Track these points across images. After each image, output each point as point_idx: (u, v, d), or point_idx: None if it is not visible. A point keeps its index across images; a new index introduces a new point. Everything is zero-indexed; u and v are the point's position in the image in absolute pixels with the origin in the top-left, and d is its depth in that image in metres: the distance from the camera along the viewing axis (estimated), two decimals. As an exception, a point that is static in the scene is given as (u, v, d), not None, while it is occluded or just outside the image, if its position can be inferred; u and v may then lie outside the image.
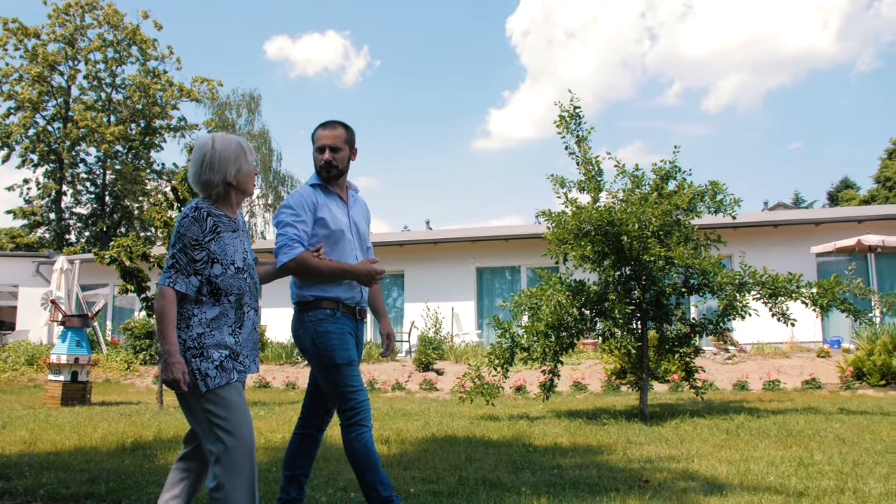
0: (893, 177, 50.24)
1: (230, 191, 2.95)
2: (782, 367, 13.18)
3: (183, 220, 2.83)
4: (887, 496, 3.83)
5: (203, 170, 2.90)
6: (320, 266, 3.32)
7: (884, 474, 4.42)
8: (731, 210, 8.07)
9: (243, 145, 2.98)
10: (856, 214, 17.29)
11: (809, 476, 4.43)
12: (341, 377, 3.31)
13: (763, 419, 7.53)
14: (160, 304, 2.76)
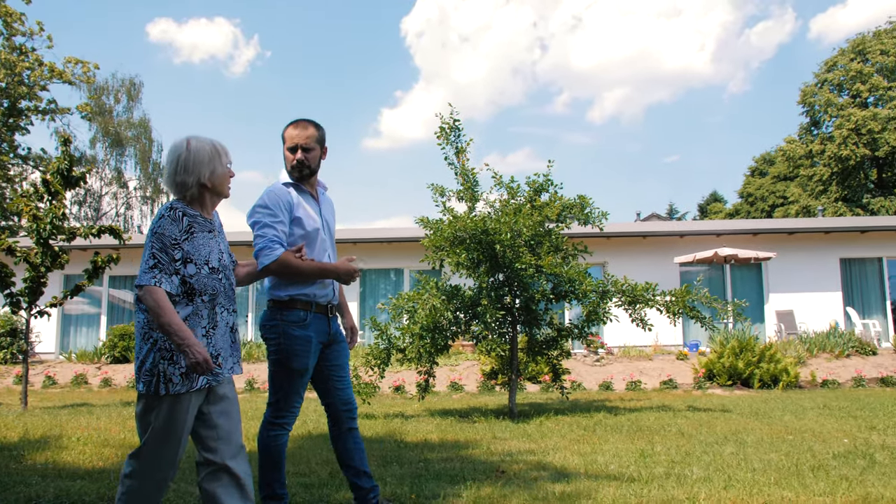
0: (755, 192, 54.03)
1: (205, 192, 2.99)
2: (645, 368, 14.14)
3: (160, 221, 2.86)
4: (704, 480, 4.39)
5: (178, 171, 2.93)
6: (302, 266, 3.40)
7: (707, 462, 5.03)
8: (599, 222, 8.72)
9: (217, 147, 3.01)
10: (715, 228, 18.69)
11: (645, 465, 4.98)
12: (291, 382, 3.46)
13: (619, 416, 8.17)
14: (153, 301, 2.74)
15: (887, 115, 41.93)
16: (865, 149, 42.38)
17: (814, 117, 46.96)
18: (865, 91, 43.87)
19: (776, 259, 17.37)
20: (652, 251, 17.65)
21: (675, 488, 4.17)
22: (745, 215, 51.81)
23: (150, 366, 2.81)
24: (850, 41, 45.50)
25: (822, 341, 15.17)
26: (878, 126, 41.87)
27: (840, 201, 43.78)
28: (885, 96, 43.33)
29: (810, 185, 45.65)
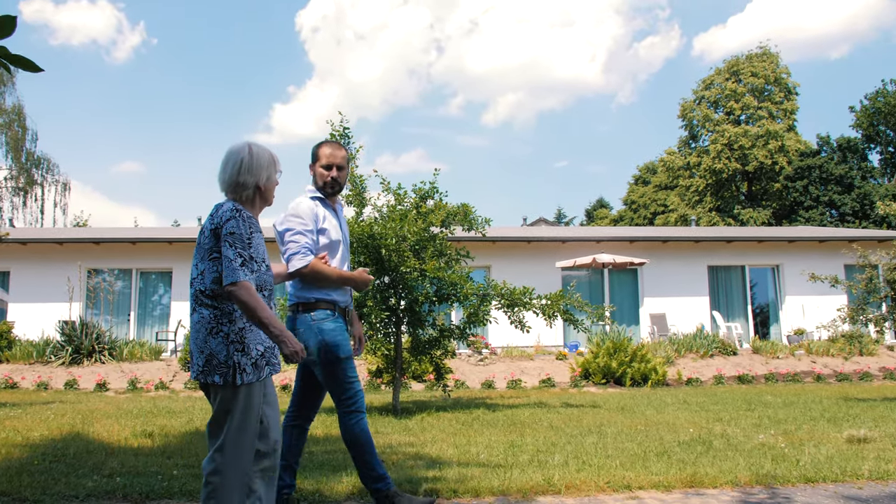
0: (638, 200, 56.60)
1: (257, 195, 3.14)
2: (526, 368, 14.80)
3: (232, 221, 2.95)
4: (561, 465, 4.87)
5: (241, 171, 3.06)
6: (329, 273, 3.70)
7: (568, 451, 5.53)
8: (482, 228, 9.20)
9: (274, 156, 3.19)
10: (595, 235, 19.71)
11: (513, 454, 5.42)
12: (343, 370, 3.68)
13: (497, 412, 8.65)
14: (248, 297, 2.85)
15: (756, 133, 44.90)
16: (737, 163, 45.23)
17: (692, 131, 49.71)
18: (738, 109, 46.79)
19: (650, 265, 18.51)
20: (535, 256, 18.43)
21: (535, 472, 4.62)
22: (628, 222, 54.23)
23: (225, 358, 2.92)
24: (727, 62, 48.39)
25: (690, 342, 16.31)
26: (749, 142, 44.78)
27: (714, 211, 46.49)
28: (754, 115, 46.37)
29: (688, 195, 48.25)
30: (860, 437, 5.95)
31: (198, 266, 3.03)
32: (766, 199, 47.14)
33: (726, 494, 4.12)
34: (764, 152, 44.84)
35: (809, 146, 46.42)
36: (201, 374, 2.95)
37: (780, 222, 43.73)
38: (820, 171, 43.62)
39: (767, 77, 46.75)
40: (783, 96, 46.92)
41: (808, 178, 43.82)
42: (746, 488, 4.25)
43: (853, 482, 4.38)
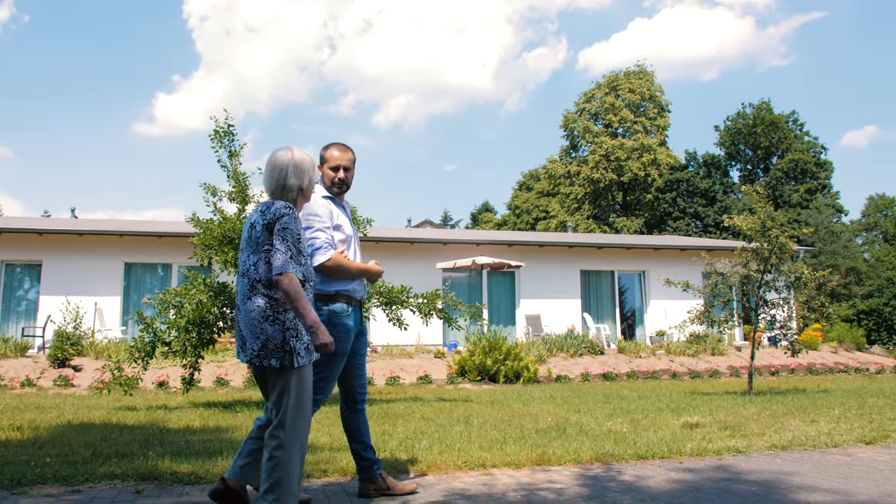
0: (521, 205, 58.29)
1: (300, 196, 3.46)
2: (405, 365, 15.22)
3: (286, 218, 3.25)
4: (426, 449, 5.30)
5: (288, 176, 3.39)
6: (350, 266, 3.93)
7: (435, 437, 5.96)
8: (363, 228, 9.54)
9: (314, 161, 3.55)
10: (475, 238, 20.42)
11: (384, 440, 5.80)
12: (332, 366, 3.88)
13: (373, 406, 8.99)
14: (292, 287, 3.14)
15: (632, 146, 47.26)
16: (613, 174, 47.45)
17: (573, 141, 51.72)
18: (616, 122, 49.08)
19: (527, 268, 19.36)
20: (418, 257, 18.91)
21: (401, 454, 5.02)
22: (511, 226, 55.79)
23: (281, 343, 3.21)
24: (607, 77, 50.66)
25: (561, 342, 17.21)
26: (625, 155, 47.08)
27: (591, 218, 48.57)
28: (631, 129, 48.78)
29: (567, 203, 50.16)
30: (693, 423, 6.70)
31: (250, 258, 3.33)
32: (638, 209, 49.64)
33: (568, 470, 4.65)
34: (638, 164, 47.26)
35: (679, 161, 49.33)
36: (256, 357, 3.24)
37: (651, 231, 46.26)
38: (687, 184, 46.46)
39: (643, 94, 49.30)
40: (657, 113, 49.60)
41: (676, 190, 46.58)
42: (587, 465, 4.81)
43: (677, 458, 5.02)
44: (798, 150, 47.61)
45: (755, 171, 50.39)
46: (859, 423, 6.70)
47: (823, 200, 44.10)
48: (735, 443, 5.53)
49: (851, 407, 8.23)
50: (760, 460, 4.94)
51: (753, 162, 50.25)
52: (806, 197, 46.19)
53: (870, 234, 51.19)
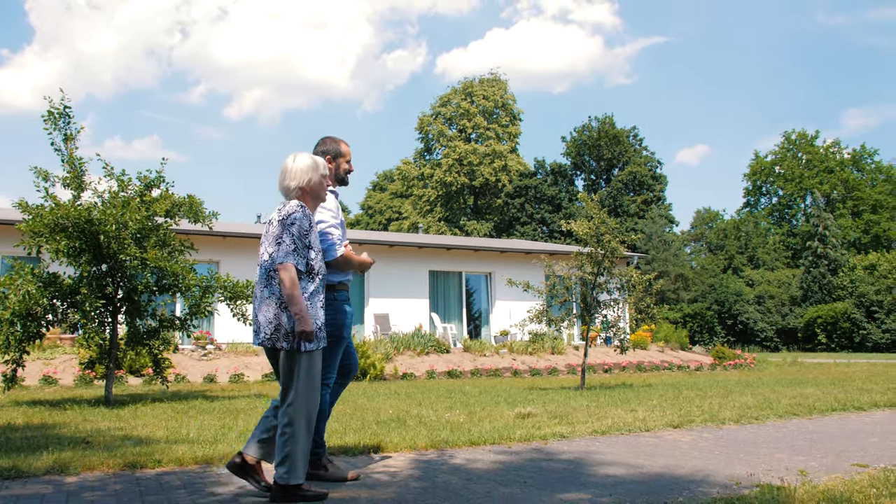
0: (374, 206, 58.40)
1: (305, 195, 3.79)
2: (251, 363, 14.96)
3: (294, 214, 3.63)
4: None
5: (285, 178, 3.78)
6: (354, 259, 4.19)
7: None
8: (209, 221, 9.33)
9: (317, 161, 3.86)
10: (326, 236, 20.34)
11: (223, 433, 5.76)
12: (336, 349, 4.09)
13: (216, 402, 8.83)
14: (290, 276, 3.51)
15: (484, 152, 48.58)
16: (465, 178, 48.59)
17: (427, 144, 52.51)
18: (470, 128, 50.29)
19: (377, 268, 19.50)
20: (268, 253, 18.61)
21: (239, 445, 5.02)
22: (364, 226, 55.82)
23: (291, 329, 3.55)
24: (463, 83, 51.80)
25: (409, 341, 17.50)
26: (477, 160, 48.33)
27: (443, 221, 49.48)
28: (484, 135, 50.13)
29: (420, 204, 50.84)
30: (526, 414, 7.11)
31: (266, 250, 3.68)
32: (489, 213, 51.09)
33: (404, 455, 4.85)
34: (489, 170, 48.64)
35: (528, 168, 51.26)
36: (268, 340, 3.60)
37: (500, 235, 47.79)
38: (535, 191, 48.37)
39: (497, 101, 50.84)
40: (509, 120, 51.30)
41: (525, 196, 48.38)
42: (422, 451, 5.02)
43: (507, 443, 5.35)
44: (637, 164, 50.82)
45: (598, 181, 53.27)
46: (671, 411, 7.36)
47: (658, 211, 47.32)
48: (561, 429, 5.95)
49: (668, 398, 8.99)
50: (581, 443, 5.36)
51: (597, 172, 53.11)
52: (643, 207, 49.39)
53: (697, 244, 55.47)
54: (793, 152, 54.35)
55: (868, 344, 33.89)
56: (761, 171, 55.11)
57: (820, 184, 51.06)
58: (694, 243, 55.31)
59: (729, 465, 4.40)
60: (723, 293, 39.54)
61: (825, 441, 5.44)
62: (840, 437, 5.69)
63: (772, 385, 11.36)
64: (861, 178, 52.09)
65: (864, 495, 3.42)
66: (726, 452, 4.92)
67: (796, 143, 54.35)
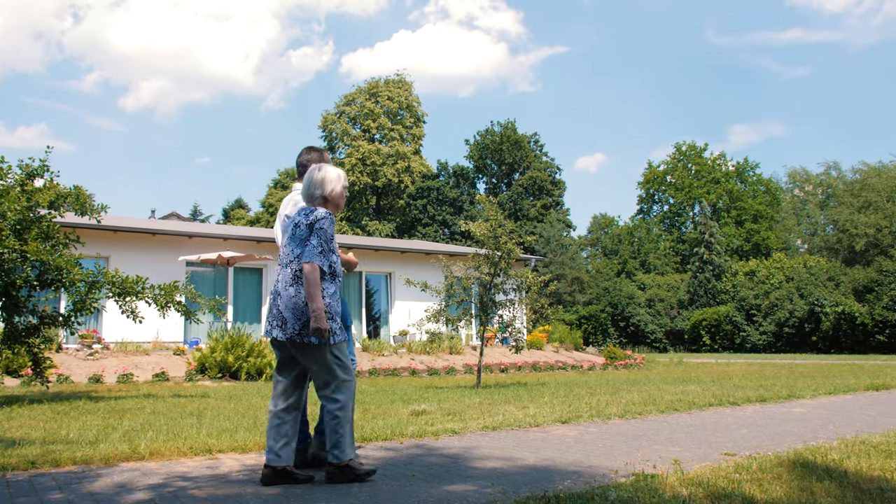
0: (276, 204, 57.34)
1: (327, 203, 4.10)
2: (140, 363, 14.43)
3: (323, 220, 3.93)
4: (152, 439, 5.19)
5: (312, 186, 4.07)
6: (344, 259, 4.49)
7: (164, 429, 5.84)
8: (97, 215, 8.96)
9: (340, 173, 4.19)
10: (222, 233, 19.88)
11: (105, 433, 5.56)
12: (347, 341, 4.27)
13: (100, 403, 8.49)
14: (314, 275, 3.79)
15: (387, 152, 48.59)
16: (368, 178, 48.46)
17: (331, 143, 52.01)
18: (374, 128, 50.18)
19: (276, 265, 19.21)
20: (160, 249, 18.01)
21: (123, 444, 4.87)
22: (265, 224, 54.74)
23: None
24: (368, 83, 51.61)
25: (307, 340, 17.30)
26: (380, 160, 48.28)
27: (345, 220, 49.15)
28: (388, 136, 50.13)
29: (322, 204, 50.33)
30: (420, 411, 7.19)
31: (294, 251, 3.94)
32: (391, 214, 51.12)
33: (294, 452, 4.83)
34: (392, 171, 48.70)
35: (431, 170, 51.59)
36: (297, 335, 3.82)
37: (402, 236, 47.87)
38: (437, 192, 48.72)
39: (401, 103, 50.93)
40: (413, 122, 51.48)
41: (427, 198, 48.65)
42: (313, 448, 5.01)
43: (398, 439, 5.41)
44: (537, 169, 51.98)
45: (500, 185, 54.17)
46: (561, 407, 7.61)
47: (556, 216, 48.54)
48: (453, 426, 6.05)
49: (559, 396, 9.27)
50: (472, 439, 5.48)
51: (498, 176, 54.00)
52: (542, 211, 50.55)
53: (593, 248, 57.23)
54: (683, 163, 56.85)
55: (747, 345, 35.84)
56: (654, 180, 57.39)
57: (707, 194, 53.63)
58: (590, 248, 57.04)
59: (610, 457, 4.60)
60: (616, 296, 40.96)
61: (700, 433, 5.76)
62: (714, 429, 6.03)
63: (657, 383, 11.88)
64: (744, 190, 55.03)
65: (729, 480, 3.66)
66: (609, 445, 5.14)
67: (687, 154, 56.88)
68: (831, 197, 51.61)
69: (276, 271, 4.02)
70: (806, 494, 3.38)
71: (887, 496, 3.36)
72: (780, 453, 4.56)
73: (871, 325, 30.83)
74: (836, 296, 33.01)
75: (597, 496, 3.32)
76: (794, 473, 3.84)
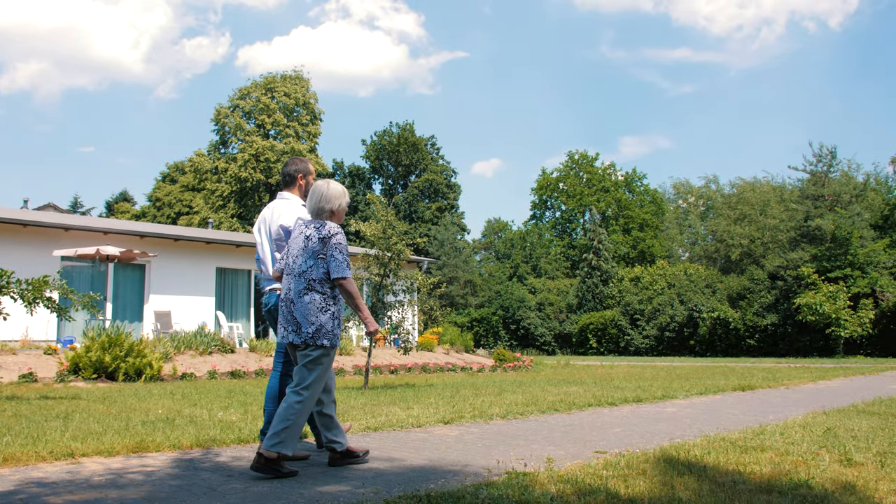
0: (164, 198, 55.33)
1: (334, 216, 4.40)
2: (6, 362, 13.55)
3: (338, 235, 4.25)
4: (9, 444, 4.87)
5: (321, 201, 4.35)
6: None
7: (25, 433, 5.50)
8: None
9: (344, 190, 4.48)
10: (102, 226, 18.94)
11: (-43, 436, 5.19)
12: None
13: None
14: (353, 287, 4.22)
15: (282, 149, 47.70)
16: (261, 174, 47.43)
17: (224, 137, 50.62)
18: (269, 124, 49.15)
19: (160, 262, 18.49)
20: (32, 242, 16.99)
21: (-25, 449, 4.56)
22: (151, 219, 52.68)
23: (332, 328, 4.20)
24: (265, 77, 50.50)
25: (191, 340, 16.73)
26: (274, 157, 47.33)
27: (236, 218, 47.93)
28: (283, 132, 49.23)
29: (213, 199, 48.86)
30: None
31: (307, 262, 4.22)
32: (285, 212, 50.15)
33: (165, 455, 4.65)
34: (287, 168, 47.75)
35: (326, 169, 50.99)
36: (310, 338, 4.15)
37: (296, 235, 47.00)
38: (333, 192, 48.15)
39: (298, 99, 50.14)
40: (309, 119, 50.77)
41: (322, 197, 48.02)
42: (186, 450, 4.84)
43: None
44: (433, 172, 52.31)
45: (396, 186, 54.17)
46: (445, 408, 7.66)
47: (451, 219, 48.97)
48: (335, 426, 5.98)
49: (445, 397, 9.34)
50: (352, 440, 5.42)
51: (395, 177, 53.98)
52: (437, 214, 50.89)
53: (486, 252, 58.11)
54: (575, 171, 58.58)
55: (631, 348, 37.28)
56: (547, 187, 58.84)
57: (597, 202, 55.49)
58: (484, 251, 57.89)
59: (488, 456, 4.67)
60: (508, 299, 41.71)
61: (577, 432, 5.93)
62: (590, 428, 6.22)
63: (542, 385, 12.17)
64: (631, 199, 57.26)
65: (597, 477, 3.79)
66: (488, 445, 5.21)
67: (579, 162, 58.64)
68: (711, 209, 54.47)
69: (287, 280, 4.28)
70: (667, 489, 3.54)
71: (738, 488, 3.56)
72: (647, 450, 4.75)
73: (742, 330, 32.69)
74: (712, 302, 34.80)
75: (468, 494, 3.35)
76: (658, 469, 4.01)
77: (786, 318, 31.30)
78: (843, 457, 4.51)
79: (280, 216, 4.78)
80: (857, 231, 30.89)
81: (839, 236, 30.66)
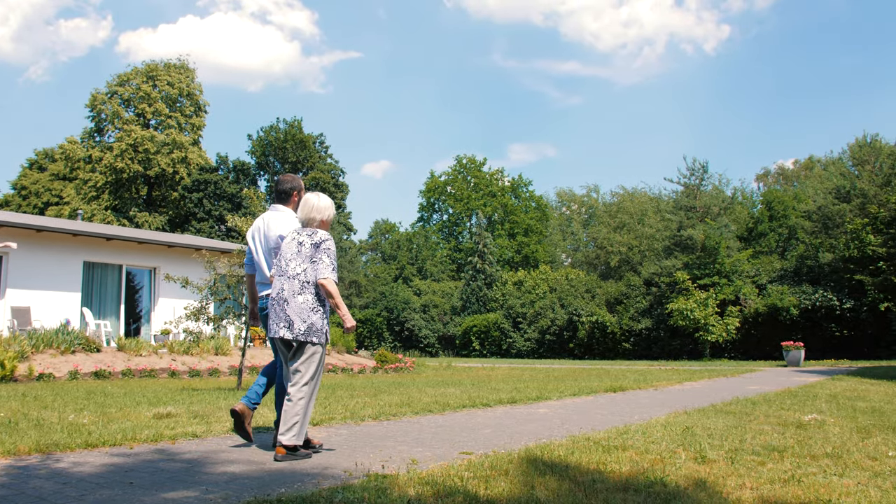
0: (30, 187, 52.00)
1: (323, 225, 4.84)
2: None
3: (328, 241, 4.71)
4: None
5: (312, 211, 4.80)
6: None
7: None
8: None
9: (331, 202, 4.94)
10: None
11: None
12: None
13: None
14: (335, 288, 4.63)
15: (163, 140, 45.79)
16: (140, 166, 45.36)
17: (99, 124, 48.09)
18: (150, 113, 47.07)
19: (20, 254, 17.27)
20: None
21: None
22: (15, 208, 49.37)
23: (321, 327, 4.64)
24: (147, 64, 48.31)
25: (51, 338, 15.69)
26: (154, 148, 45.37)
27: (111, 210, 45.60)
28: (164, 123, 47.28)
29: (85, 190, 46.33)
30: (164, 414, 6.72)
31: (300, 265, 4.64)
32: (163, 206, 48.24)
33: (-3, 461, 4.26)
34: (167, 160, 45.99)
35: (210, 163, 49.38)
36: (302, 335, 4.54)
37: (175, 229, 45.30)
38: (215, 186, 46.69)
39: (182, 89, 48.28)
40: (193, 111, 49.00)
41: (204, 191, 46.45)
42: (23, 456, 4.46)
43: (128, 444, 4.97)
44: (321, 170, 51.56)
45: (282, 184, 52.96)
46: (316, 409, 7.46)
47: (337, 218, 48.39)
48: (195, 429, 5.70)
49: (319, 398, 9.11)
50: (212, 442, 5.18)
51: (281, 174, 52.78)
52: (324, 213, 50.12)
53: (373, 252, 57.80)
54: (463, 175, 59.17)
55: (513, 351, 37.94)
56: (435, 190, 59.15)
57: (484, 206, 56.27)
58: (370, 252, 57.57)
59: (351, 458, 4.54)
60: (392, 301, 41.60)
61: (446, 434, 5.90)
62: (461, 429, 6.20)
63: (420, 386, 12.14)
64: (517, 205, 58.40)
65: (459, 477, 3.74)
66: (354, 446, 5.08)
67: (467, 167, 59.27)
68: (593, 216, 56.33)
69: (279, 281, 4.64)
70: (527, 489, 3.53)
71: (597, 487, 3.60)
72: (512, 451, 4.76)
73: (619, 334, 33.92)
74: (591, 306, 35.93)
75: (322, 499, 3.22)
76: (521, 469, 4.01)
77: (659, 322, 32.70)
78: (698, 454, 4.67)
79: (277, 227, 5.10)
80: (725, 241, 32.63)
81: (708, 246, 32.32)
